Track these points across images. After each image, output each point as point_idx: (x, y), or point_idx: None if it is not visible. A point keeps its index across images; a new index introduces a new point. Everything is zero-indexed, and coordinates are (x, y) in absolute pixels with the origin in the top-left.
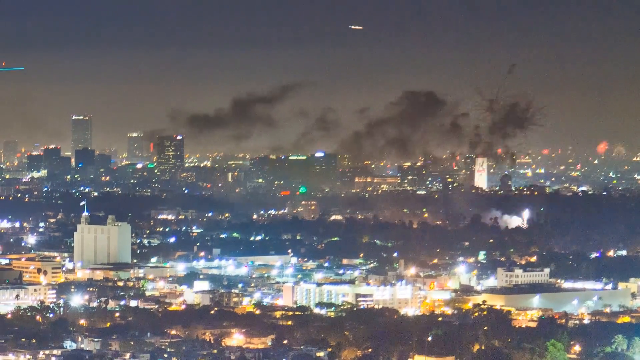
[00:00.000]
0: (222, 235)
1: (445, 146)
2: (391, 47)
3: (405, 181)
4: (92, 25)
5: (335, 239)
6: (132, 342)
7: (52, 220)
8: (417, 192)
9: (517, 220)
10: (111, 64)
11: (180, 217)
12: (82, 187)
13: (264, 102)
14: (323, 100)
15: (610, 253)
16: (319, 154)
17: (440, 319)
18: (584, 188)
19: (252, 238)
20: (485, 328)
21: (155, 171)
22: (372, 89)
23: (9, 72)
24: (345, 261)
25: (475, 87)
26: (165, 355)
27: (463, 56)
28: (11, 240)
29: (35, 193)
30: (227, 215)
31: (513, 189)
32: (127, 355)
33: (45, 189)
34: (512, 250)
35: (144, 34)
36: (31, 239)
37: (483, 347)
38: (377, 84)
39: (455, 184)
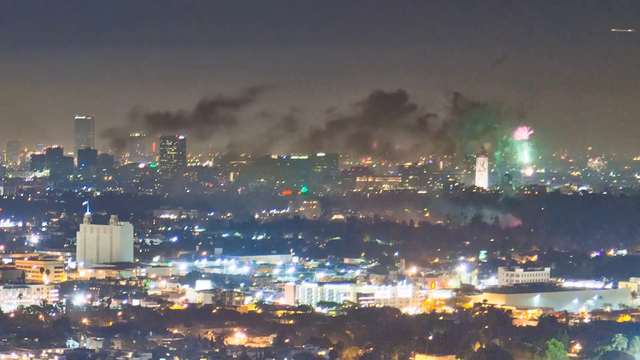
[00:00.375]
0: (224, 235)
1: (410, 143)
2: (362, 47)
3: (407, 181)
4: (94, 25)
5: (337, 238)
6: (134, 341)
7: (54, 220)
8: (419, 192)
9: (518, 220)
10: (114, 63)
11: (182, 216)
12: (84, 187)
13: (231, 106)
14: (292, 100)
15: (611, 252)
16: (320, 154)
17: (441, 318)
18: (584, 188)
19: (253, 237)
20: (486, 327)
21: (158, 171)
22: (343, 89)
23: (9, 71)
24: (346, 260)
25: (444, 87)
26: (168, 354)
27: (434, 57)
28: (14, 239)
29: (38, 193)
30: (229, 214)
31: (514, 188)
32: (130, 354)
33: (48, 188)
34: (512, 249)
35: (146, 34)
36: (34, 239)
37: (484, 346)
38: (348, 85)
39: (456, 184)
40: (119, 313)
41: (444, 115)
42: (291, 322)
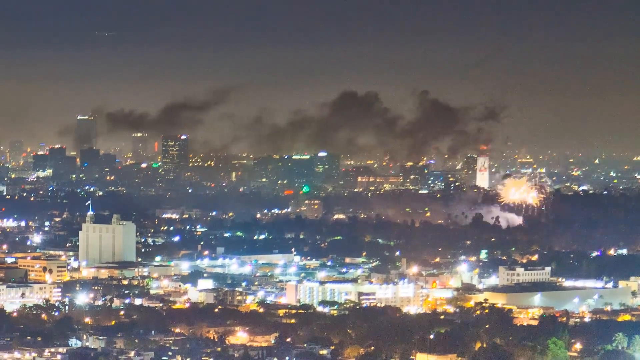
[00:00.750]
0: (226, 234)
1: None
2: (334, 48)
3: (408, 180)
4: (96, 25)
5: (338, 237)
6: (136, 340)
7: (57, 219)
8: (420, 192)
9: (518, 219)
10: (114, 63)
11: (184, 216)
12: (87, 187)
13: (198, 109)
14: (261, 101)
15: (611, 252)
16: (322, 154)
17: (442, 317)
18: (584, 187)
19: (255, 237)
20: (487, 326)
21: (160, 171)
22: (313, 90)
23: (10, 71)
24: (348, 260)
25: (412, 88)
26: (170, 353)
27: (405, 57)
28: (17, 239)
29: (41, 192)
30: (230, 214)
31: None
32: (132, 353)
33: (51, 188)
34: (513, 248)
35: (146, 34)
36: (37, 238)
37: (485, 345)
38: (318, 85)
39: (457, 184)
40: (122, 312)
41: (412, 115)
42: (293, 321)
